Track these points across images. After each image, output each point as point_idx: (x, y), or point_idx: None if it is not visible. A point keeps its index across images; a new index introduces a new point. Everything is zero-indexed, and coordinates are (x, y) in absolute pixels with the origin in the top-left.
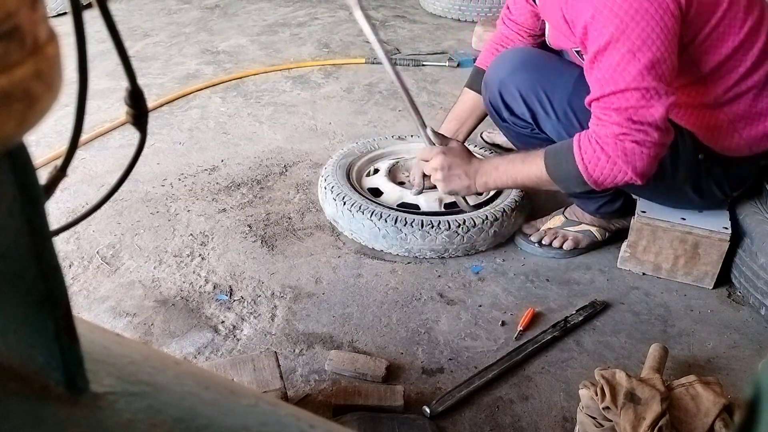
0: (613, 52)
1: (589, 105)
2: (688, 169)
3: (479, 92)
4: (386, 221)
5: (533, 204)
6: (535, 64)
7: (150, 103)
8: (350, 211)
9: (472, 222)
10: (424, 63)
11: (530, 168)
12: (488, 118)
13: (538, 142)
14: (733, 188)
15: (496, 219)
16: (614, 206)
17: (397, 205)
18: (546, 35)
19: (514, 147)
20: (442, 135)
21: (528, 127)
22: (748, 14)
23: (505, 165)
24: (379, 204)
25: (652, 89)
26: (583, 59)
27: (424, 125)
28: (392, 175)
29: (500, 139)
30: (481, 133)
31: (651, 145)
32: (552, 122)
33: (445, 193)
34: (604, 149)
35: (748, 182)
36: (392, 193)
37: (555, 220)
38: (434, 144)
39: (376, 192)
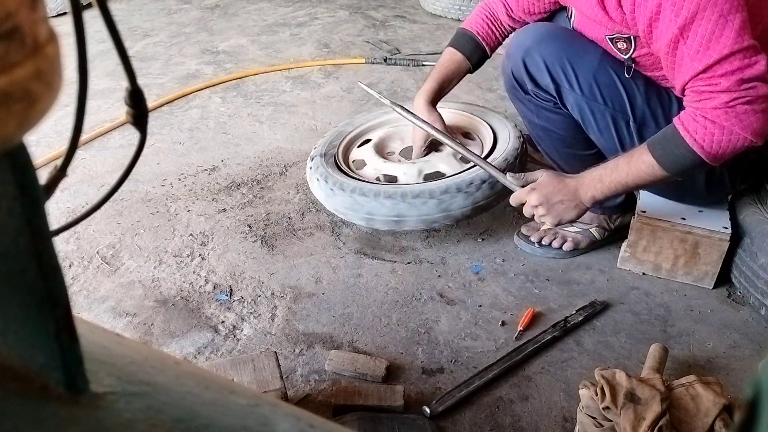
0: (703, 21)
1: (685, 86)
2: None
3: (464, 53)
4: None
5: None
6: (562, 37)
7: (150, 103)
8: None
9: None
10: (424, 63)
11: (638, 167)
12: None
13: (558, 117)
14: (743, 181)
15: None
16: (616, 201)
17: (377, 178)
18: (571, 22)
19: (525, 128)
20: (522, 173)
21: (550, 100)
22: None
23: (608, 174)
24: (359, 179)
25: (752, 47)
26: (618, 46)
27: (503, 174)
28: (380, 147)
29: None
30: None
31: (763, 100)
32: (575, 95)
33: (557, 225)
34: (716, 122)
35: (755, 175)
36: (372, 167)
37: None
38: (520, 186)
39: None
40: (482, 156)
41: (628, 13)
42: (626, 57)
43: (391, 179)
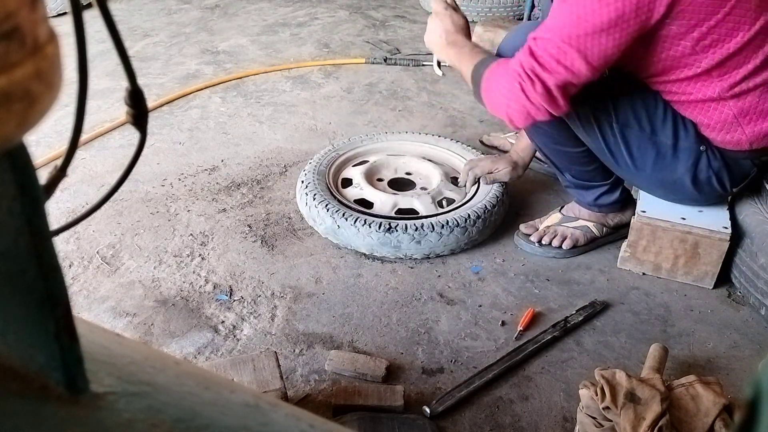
0: (573, 7)
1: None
2: (689, 158)
3: None
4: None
5: (522, 201)
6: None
7: (150, 103)
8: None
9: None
10: (424, 63)
11: (465, 65)
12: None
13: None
14: (733, 184)
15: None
16: (612, 197)
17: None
18: None
19: (510, 149)
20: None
21: None
22: (761, 13)
23: (462, 50)
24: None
25: (574, 57)
26: None
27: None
28: (372, 172)
29: (498, 141)
30: (481, 138)
31: (530, 100)
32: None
33: (425, 40)
34: (501, 78)
35: (749, 179)
36: (356, 188)
37: (552, 218)
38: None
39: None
40: (465, 200)
41: None
42: None
43: (368, 205)
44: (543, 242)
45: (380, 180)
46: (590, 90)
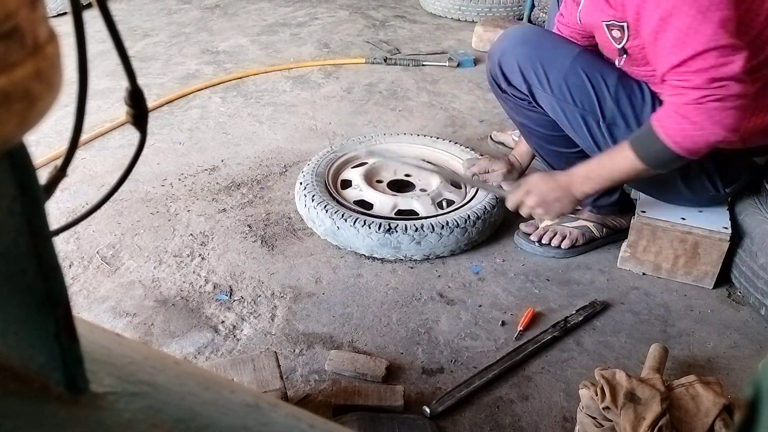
0: (681, 15)
1: (664, 76)
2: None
3: None
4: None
5: None
6: (537, 40)
7: (150, 103)
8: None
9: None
10: (424, 63)
11: (622, 162)
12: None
13: (536, 115)
14: (726, 185)
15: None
16: (611, 199)
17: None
18: (578, 12)
19: (516, 126)
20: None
21: (526, 99)
22: None
23: (595, 170)
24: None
25: (729, 46)
26: (612, 34)
27: (500, 188)
28: (371, 173)
29: (504, 137)
30: (491, 134)
31: (734, 99)
32: (547, 96)
33: (556, 219)
34: (687, 116)
35: (743, 181)
36: (355, 189)
37: None
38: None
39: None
40: (465, 201)
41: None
42: (619, 47)
43: (368, 206)
44: (543, 241)
45: (380, 181)
46: (576, 89)
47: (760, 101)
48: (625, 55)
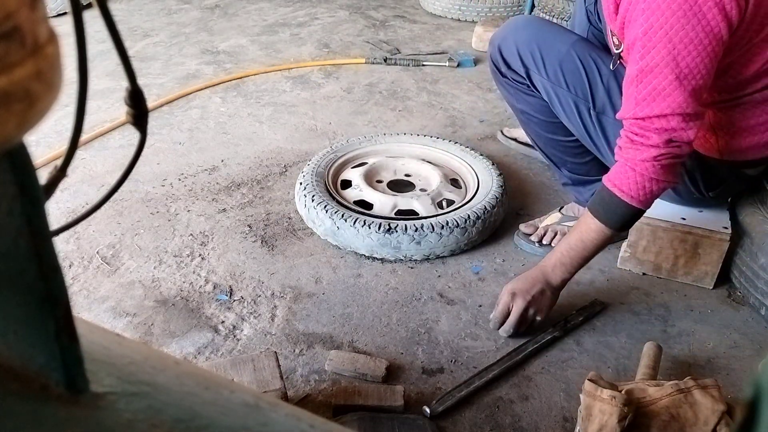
0: (660, 76)
1: (625, 121)
2: None
3: None
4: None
5: (521, 201)
6: (537, 26)
7: (150, 103)
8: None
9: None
10: (424, 63)
11: (589, 235)
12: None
13: (534, 100)
14: (708, 188)
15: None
16: None
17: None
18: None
19: (517, 118)
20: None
21: (524, 83)
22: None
23: (567, 254)
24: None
25: (693, 114)
26: (613, 40)
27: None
28: (371, 173)
29: (518, 132)
30: (501, 129)
31: (684, 157)
32: (542, 80)
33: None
34: (643, 174)
35: (730, 187)
36: (355, 189)
37: (552, 218)
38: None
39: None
40: (465, 201)
41: (620, 24)
42: (617, 52)
43: (368, 206)
44: (543, 242)
45: (379, 181)
46: (570, 75)
47: (743, 123)
48: (619, 60)
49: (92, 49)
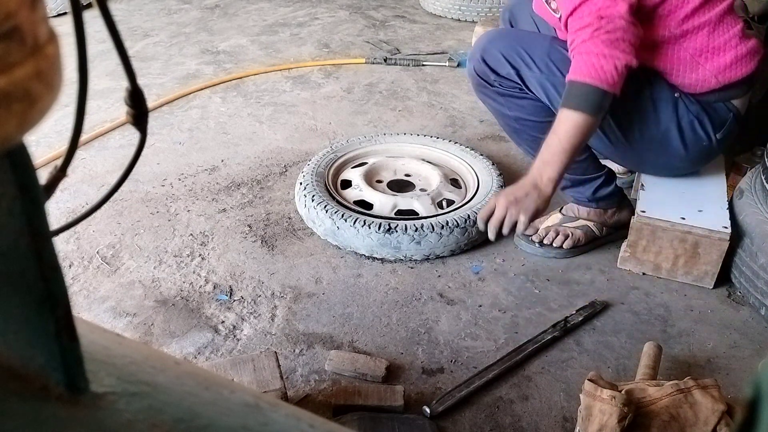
0: None
1: (565, 25)
2: (668, 106)
3: None
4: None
5: None
6: (513, 33)
7: (150, 104)
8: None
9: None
10: (424, 63)
11: (564, 127)
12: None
13: (527, 102)
14: (715, 129)
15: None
16: (609, 189)
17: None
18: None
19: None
20: None
21: (515, 87)
22: None
23: (546, 151)
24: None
25: None
26: (550, 6)
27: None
28: (371, 173)
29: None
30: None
31: (621, 31)
32: (535, 75)
33: (532, 218)
34: (588, 52)
35: (730, 127)
36: (355, 189)
37: (552, 218)
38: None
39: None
40: (465, 201)
41: None
42: (558, 16)
43: (368, 206)
44: (544, 242)
45: (379, 181)
46: (561, 63)
47: (718, 42)
48: (565, 28)
49: (92, 49)
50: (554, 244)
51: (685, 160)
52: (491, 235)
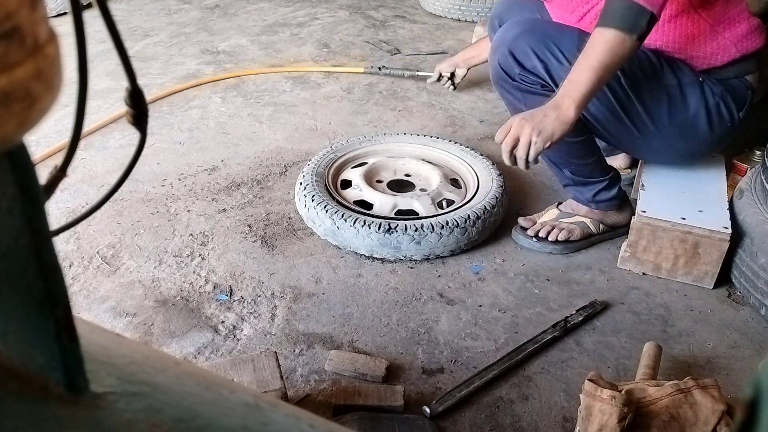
0: None
1: None
2: (695, 90)
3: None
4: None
5: (521, 201)
6: (540, 26)
7: (148, 98)
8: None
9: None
10: (419, 73)
11: (598, 46)
12: None
13: (545, 99)
14: (738, 108)
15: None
16: (610, 193)
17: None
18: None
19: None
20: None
21: (537, 83)
22: None
23: (575, 71)
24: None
25: None
26: None
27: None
28: (371, 173)
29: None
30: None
31: None
32: (565, 69)
33: (554, 141)
34: None
35: (748, 104)
36: (355, 189)
37: (549, 214)
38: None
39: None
40: (465, 201)
41: None
42: None
43: (368, 206)
44: (540, 236)
45: (379, 181)
46: None
47: (733, 12)
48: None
49: (92, 49)
50: (549, 238)
51: (709, 144)
52: (505, 158)
